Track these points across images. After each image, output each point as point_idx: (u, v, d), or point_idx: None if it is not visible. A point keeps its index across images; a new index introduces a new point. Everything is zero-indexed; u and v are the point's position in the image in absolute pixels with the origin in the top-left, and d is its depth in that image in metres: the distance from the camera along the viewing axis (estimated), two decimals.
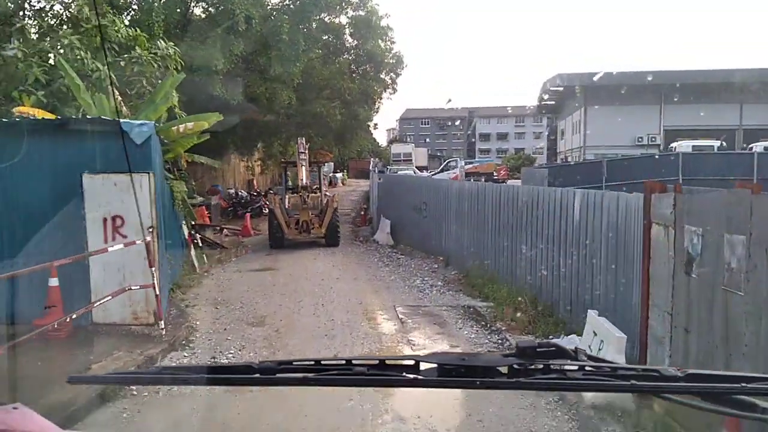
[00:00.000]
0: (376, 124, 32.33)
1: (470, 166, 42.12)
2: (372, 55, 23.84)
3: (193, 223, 17.29)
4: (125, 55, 10.89)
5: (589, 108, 46.77)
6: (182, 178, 14.58)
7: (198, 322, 8.33)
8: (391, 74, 26.22)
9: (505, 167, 46.83)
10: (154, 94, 10.62)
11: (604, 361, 1.35)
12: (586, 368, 1.18)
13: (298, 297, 10.08)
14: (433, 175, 40.52)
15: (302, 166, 16.55)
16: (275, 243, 15.92)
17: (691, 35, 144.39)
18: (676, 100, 44.65)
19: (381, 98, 25.44)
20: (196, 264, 12.72)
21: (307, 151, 17.05)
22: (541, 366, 1.18)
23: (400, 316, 8.59)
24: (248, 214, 20.93)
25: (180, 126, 10.67)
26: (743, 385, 1.10)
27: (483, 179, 39.49)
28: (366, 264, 13.81)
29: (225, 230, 19.80)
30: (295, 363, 1.28)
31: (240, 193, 27.97)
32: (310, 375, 1.22)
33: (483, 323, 8.37)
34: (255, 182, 33.76)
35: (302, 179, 16.25)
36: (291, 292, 10.42)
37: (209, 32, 18.81)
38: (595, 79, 43.30)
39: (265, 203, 26.16)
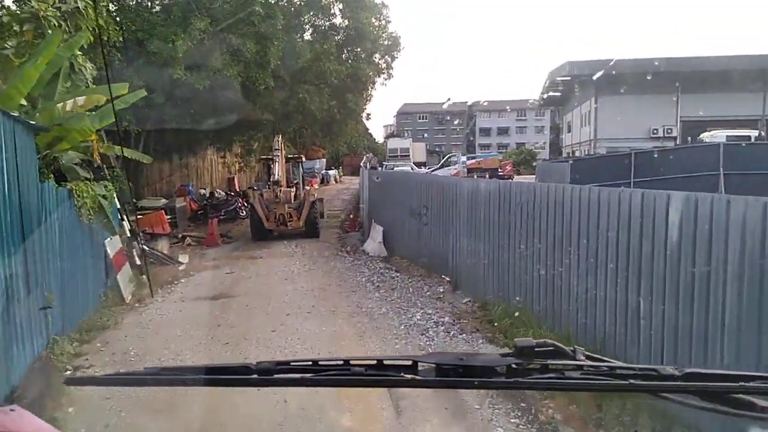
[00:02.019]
0: (368, 114, 29.05)
1: (473, 161, 38.90)
2: (363, 33, 20.68)
3: (142, 232, 14.31)
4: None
5: (600, 98, 43.63)
6: (113, 177, 11.50)
7: (72, 409, 5.21)
8: (386, 57, 23.06)
9: (510, 162, 43.63)
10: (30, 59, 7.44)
11: (602, 360, 1.22)
12: (584, 368, 1.16)
13: (246, 348, 6.99)
14: (432, 171, 37.44)
15: (275, 162, 16.80)
16: (257, 235, 16.56)
17: (705, 19, 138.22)
18: (693, 89, 41.57)
19: (374, 84, 22.27)
20: (125, 293, 9.62)
21: (282, 148, 17.35)
22: (539, 366, 1.16)
23: (395, 396, 5.44)
24: (215, 219, 17.74)
25: (68, 103, 7.50)
26: (742, 384, 1.09)
27: (487, 175, 36.43)
28: (351, 286, 10.71)
29: (187, 239, 16.70)
30: (293, 363, 1.28)
31: (217, 194, 24.81)
32: (308, 375, 1.22)
33: (524, 406, 5.27)
34: (236, 180, 30.59)
35: (275, 175, 16.54)
36: (238, 341, 7.32)
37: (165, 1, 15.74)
38: (608, 66, 40.16)
39: (242, 204, 23.27)
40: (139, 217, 17.26)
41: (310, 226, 16.55)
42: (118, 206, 10.92)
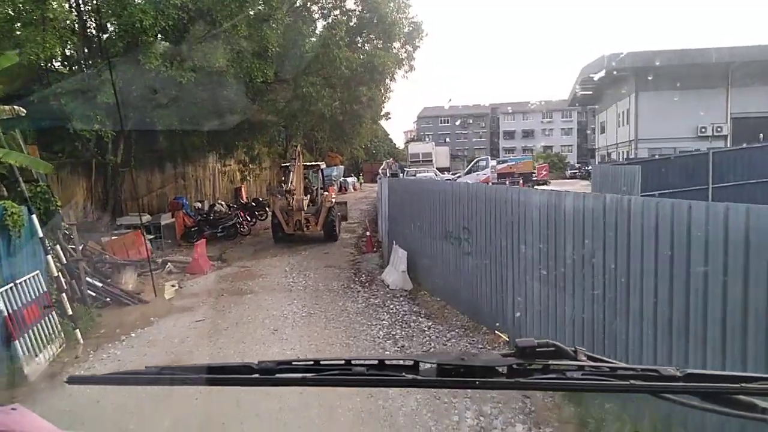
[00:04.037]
0: (387, 114, 25.53)
1: (503, 165, 35.33)
2: (380, 16, 17.47)
3: (103, 261, 11.37)
4: None
5: (642, 94, 39.76)
6: (36, 194, 8.50)
7: None
8: (407, 47, 19.80)
9: (546, 166, 39.90)
10: None
11: (603, 361, 1.22)
12: (585, 368, 1.16)
13: None
14: (458, 177, 34.12)
15: (291, 171, 16.76)
16: (278, 239, 17.23)
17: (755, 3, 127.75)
18: (745, 82, 37.55)
19: (394, 77, 19.00)
20: (28, 366, 6.51)
21: (300, 156, 17.22)
22: (540, 366, 1.17)
23: None
24: (203, 240, 14.62)
25: None
26: (742, 385, 1.08)
27: (521, 181, 32.98)
28: (363, 346, 7.48)
29: (169, 265, 13.64)
30: (294, 363, 1.28)
31: (218, 206, 21.77)
32: (309, 375, 1.21)
33: None
34: (243, 191, 27.56)
35: (288, 183, 16.58)
36: None
37: None
38: (651, 58, 36.35)
39: (245, 218, 20.30)
40: (113, 238, 14.50)
41: (328, 231, 17.11)
42: (40, 234, 7.85)
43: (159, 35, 14.33)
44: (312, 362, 1.25)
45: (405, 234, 11.68)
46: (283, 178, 18.19)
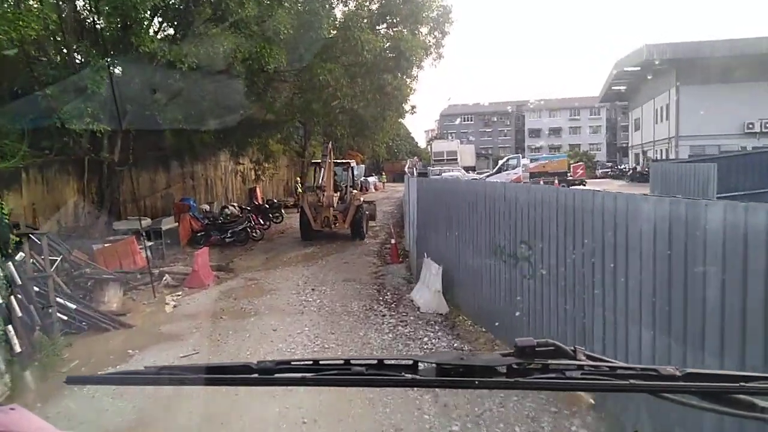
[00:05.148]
0: (413, 107, 23.40)
1: (536, 163, 33.05)
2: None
3: (84, 275, 9.75)
4: None
5: (683, 88, 37.15)
6: None
7: None
8: (436, 33, 17.83)
9: (582, 165, 37.47)
10: None
11: (603, 360, 1.20)
12: (585, 368, 1.15)
13: None
14: (487, 177, 32.04)
15: (322, 168, 16.87)
16: (306, 236, 17.28)
17: None
18: None
19: (421, 64, 17.03)
20: None
21: (330, 155, 17.02)
22: (540, 365, 1.15)
23: None
24: (205, 249, 12.84)
25: None
26: (742, 384, 1.07)
27: (556, 180, 30.77)
28: (392, 407, 5.58)
29: (166, 277, 11.93)
30: (293, 363, 1.27)
31: (229, 208, 20.06)
32: (308, 375, 1.20)
33: None
34: (258, 191, 25.87)
35: (319, 180, 16.87)
36: None
37: None
38: (697, 49, 33.77)
39: (256, 221, 18.66)
40: (105, 245, 12.86)
41: (355, 229, 17.19)
42: None
43: (155, 14, 12.66)
44: (311, 362, 1.23)
45: (439, 245, 9.78)
46: (314, 175, 18.25)
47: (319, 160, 17.92)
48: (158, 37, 13.00)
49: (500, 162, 35.09)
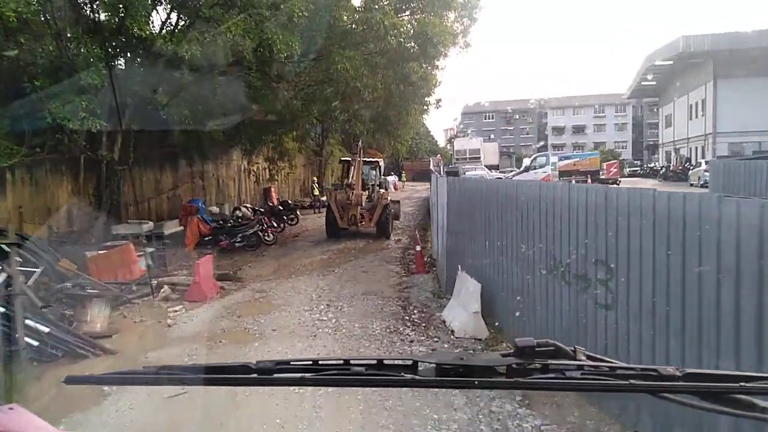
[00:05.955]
0: (438, 100, 21.69)
1: (566, 161, 31.30)
2: None
3: (68, 285, 8.59)
4: None
5: (721, 81, 35.08)
6: None
7: None
8: (464, 19, 16.36)
9: (616, 163, 35.58)
10: None
11: (603, 360, 1.19)
12: (585, 368, 1.14)
13: None
14: (514, 176, 30.42)
15: (352, 166, 16.97)
16: (332, 233, 17.29)
17: None
18: None
19: (448, 53, 15.54)
20: None
21: (360, 153, 17.08)
22: (540, 365, 1.14)
23: None
24: (208, 257, 11.49)
25: None
26: (742, 384, 1.06)
27: (589, 179, 29.07)
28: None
29: (165, 288, 10.65)
30: (292, 363, 1.25)
31: (241, 210, 18.79)
32: (307, 375, 1.19)
33: None
34: (273, 192, 24.62)
35: (351, 177, 16.77)
36: None
37: None
38: (737, 39, 31.70)
39: (269, 224, 17.44)
40: (99, 252, 11.66)
41: (381, 228, 17.11)
42: None
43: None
44: (311, 362, 1.22)
45: (476, 256, 8.35)
46: (343, 173, 18.32)
47: (349, 158, 17.98)
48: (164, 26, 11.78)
49: (527, 160, 33.43)
